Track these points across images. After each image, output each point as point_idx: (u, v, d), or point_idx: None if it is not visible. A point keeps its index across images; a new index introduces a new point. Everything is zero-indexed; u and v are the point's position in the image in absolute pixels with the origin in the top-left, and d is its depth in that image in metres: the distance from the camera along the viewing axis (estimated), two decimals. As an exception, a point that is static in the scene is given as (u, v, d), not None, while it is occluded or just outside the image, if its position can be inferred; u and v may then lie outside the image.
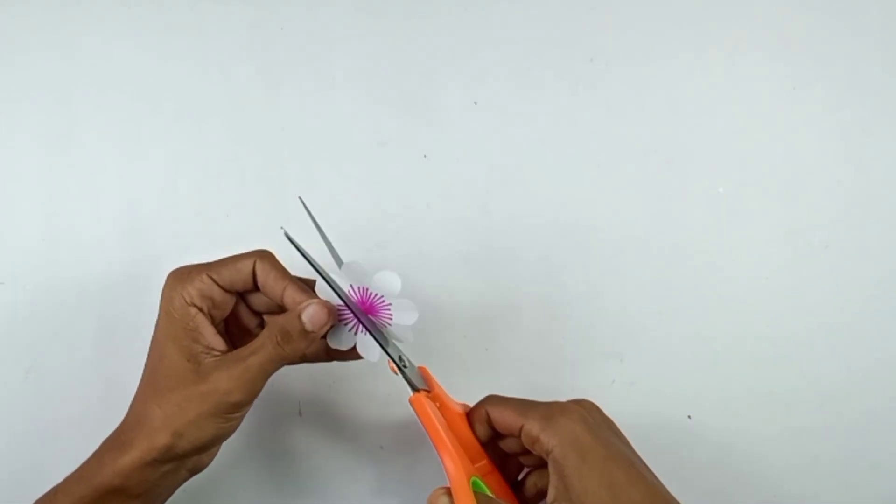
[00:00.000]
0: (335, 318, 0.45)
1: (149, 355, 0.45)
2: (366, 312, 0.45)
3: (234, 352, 0.44)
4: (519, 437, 0.44)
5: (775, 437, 0.56)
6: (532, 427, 0.43)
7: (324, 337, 0.45)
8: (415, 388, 0.45)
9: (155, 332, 0.45)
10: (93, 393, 0.54)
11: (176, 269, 0.46)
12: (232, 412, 0.43)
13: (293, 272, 0.46)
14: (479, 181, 0.57)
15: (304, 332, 0.43)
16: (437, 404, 0.45)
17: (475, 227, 0.57)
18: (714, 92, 0.58)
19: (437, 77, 0.57)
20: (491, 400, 0.46)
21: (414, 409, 0.45)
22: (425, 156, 0.57)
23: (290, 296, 0.45)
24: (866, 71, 0.58)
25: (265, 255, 0.46)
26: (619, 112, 0.58)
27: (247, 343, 0.44)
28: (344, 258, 0.46)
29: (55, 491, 0.44)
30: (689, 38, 0.58)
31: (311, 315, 0.43)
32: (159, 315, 0.45)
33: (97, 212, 0.55)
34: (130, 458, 0.42)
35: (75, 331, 0.54)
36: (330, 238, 0.46)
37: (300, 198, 0.46)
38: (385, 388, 0.55)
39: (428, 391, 0.46)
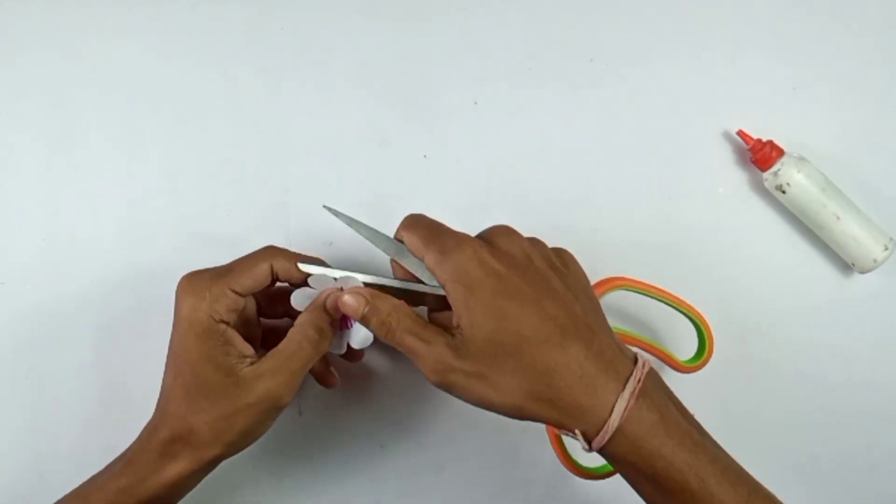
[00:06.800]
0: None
1: (176, 371, 0.45)
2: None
3: (272, 357, 0.44)
4: None
5: (775, 436, 0.56)
6: (430, 260, 0.43)
7: None
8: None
9: (181, 350, 0.44)
10: (93, 395, 0.54)
11: (191, 282, 0.45)
12: (280, 412, 0.45)
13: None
14: (479, 181, 0.57)
15: (334, 325, 0.46)
16: None
17: (475, 228, 0.56)
18: (714, 92, 0.58)
19: (437, 77, 0.57)
20: (405, 222, 0.46)
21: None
22: (425, 156, 0.57)
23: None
24: (866, 71, 0.58)
25: (278, 254, 0.46)
26: (619, 112, 0.57)
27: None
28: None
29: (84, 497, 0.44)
30: (689, 38, 0.58)
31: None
32: (183, 333, 0.44)
33: (97, 212, 0.55)
34: (177, 469, 0.44)
35: (75, 332, 0.54)
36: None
37: (325, 206, 0.48)
38: (385, 388, 0.55)
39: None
